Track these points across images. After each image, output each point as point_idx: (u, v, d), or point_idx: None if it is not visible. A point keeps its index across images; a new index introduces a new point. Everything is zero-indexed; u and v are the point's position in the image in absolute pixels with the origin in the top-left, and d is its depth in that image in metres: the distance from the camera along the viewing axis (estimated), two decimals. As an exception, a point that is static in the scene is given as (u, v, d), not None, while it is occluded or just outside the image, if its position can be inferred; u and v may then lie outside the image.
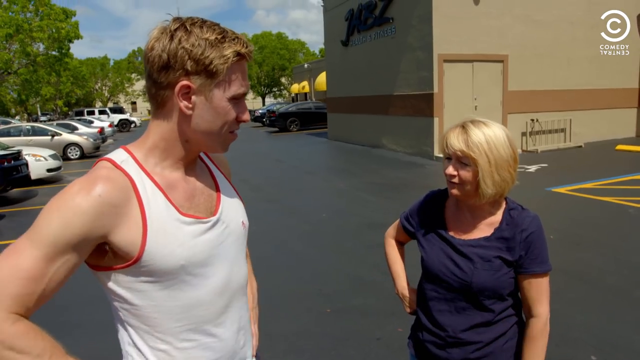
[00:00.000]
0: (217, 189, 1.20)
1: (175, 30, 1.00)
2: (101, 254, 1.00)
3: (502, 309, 1.48)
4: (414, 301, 1.68)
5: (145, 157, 1.07)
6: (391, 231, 1.82)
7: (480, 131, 1.40)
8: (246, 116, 1.11)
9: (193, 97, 1.02)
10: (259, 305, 1.49)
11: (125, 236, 0.97)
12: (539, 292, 1.45)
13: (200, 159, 1.23)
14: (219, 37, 1.01)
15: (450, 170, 1.44)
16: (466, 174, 1.41)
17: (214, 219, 1.12)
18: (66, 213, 0.92)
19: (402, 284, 1.73)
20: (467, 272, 1.44)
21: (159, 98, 1.05)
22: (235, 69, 1.04)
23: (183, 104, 1.02)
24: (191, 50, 0.98)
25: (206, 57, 0.99)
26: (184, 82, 1.00)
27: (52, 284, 0.93)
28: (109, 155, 1.06)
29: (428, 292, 1.57)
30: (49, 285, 0.92)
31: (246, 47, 1.04)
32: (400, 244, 1.81)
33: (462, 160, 1.41)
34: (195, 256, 1.06)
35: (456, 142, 1.41)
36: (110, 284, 1.02)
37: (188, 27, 1.00)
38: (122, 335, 1.09)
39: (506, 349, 1.50)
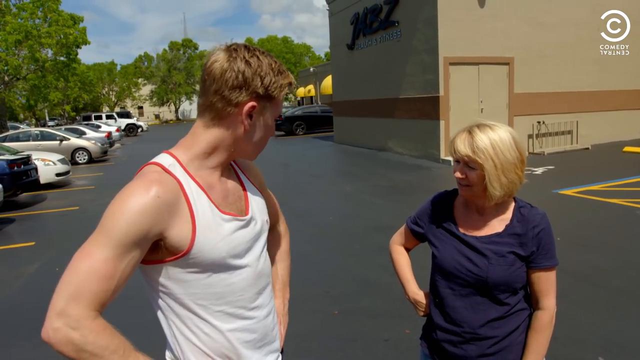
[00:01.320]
0: (244, 190, 1.33)
1: (251, 57, 1.15)
2: (155, 250, 1.11)
3: (516, 301, 1.52)
4: (427, 305, 1.70)
5: (190, 161, 1.18)
6: (397, 238, 1.84)
7: (485, 136, 1.44)
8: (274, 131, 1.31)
9: (254, 116, 1.19)
10: (288, 313, 1.62)
11: (178, 232, 1.10)
12: (547, 285, 1.50)
13: None
14: (279, 68, 1.19)
15: (458, 174, 1.50)
16: (474, 176, 1.46)
17: (247, 217, 1.26)
18: (130, 214, 1.03)
19: (413, 288, 1.74)
20: (482, 267, 1.48)
21: (222, 112, 1.16)
22: (282, 95, 1.22)
23: (247, 121, 1.18)
24: (264, 78, 1.15)
25: (272, 84, 1.17)
26: (253, 103, 1.16)
27: (121, 280, 1.04)
28: (156, 160, 1.18)
29: (442, 290, 1.59)
30: (119, 282, 1.03)
31: (292, 79, 1.23)
32: (407, 250, 1.84)
33: (469, 164, 1.46)
34: (234, 249, 1.19)
35: (462, 147, 1.46)
36: (159, 276, 1.15)
37: (259, 57, 1.16)
38: (168, 325, 1.21)
39: (520, 341, 1.54)
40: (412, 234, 1.75)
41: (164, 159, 1.17)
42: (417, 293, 1.73)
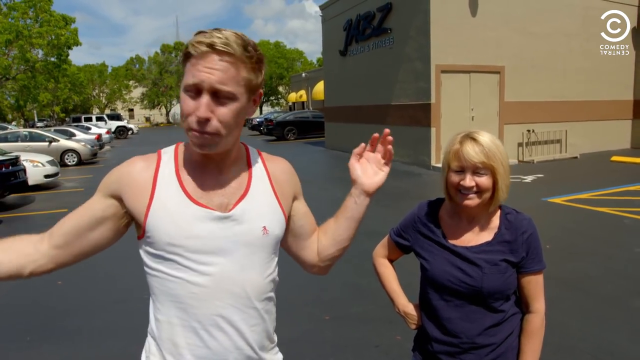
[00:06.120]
0: (245, 193, 1.21)
1: None
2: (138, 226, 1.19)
3: (509, 307, 1.53)
4: (419, 317, 1.66)
5: (184, 149, 1.23)
6: (380, 250, 1.82)
7: (489, 140, 1.46)
8: (199, 111, 1.05)
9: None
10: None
11: (133, 202, 1.16)
12: (537, 289, 1.52)
13: (248, 163, 1.28)
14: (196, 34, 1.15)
15: (468, 181, 1.44)
16: (485, 182, 1.44)
17: (226, 214, 1.16)
18: (111, 173, 1.21)
19: (403, 301, 1.71)
20: (476, 277, 1.47)
21: None
22: (187, 64, 1.09)
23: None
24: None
25: (180, 61, 1.21)
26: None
27: (93, 215, 1.19)
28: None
29: (435, 302, 1.57)
30: (91, 215, 1.19)
31: (193, 46, 1.05)
32: (391, 262, 1.81)
33: (479, 171, 1.44)
34: (190, 239, 1.12)
35: (474, 153, 1.43)
36: (140, 250, 1.22)
37: None
38: (151, 300, 1.25)
39: (515, 346, 1.55)
40: (396, 246, 1.72)
41: (172, 146, 1.26)
42: (407, 306, 1.69)
